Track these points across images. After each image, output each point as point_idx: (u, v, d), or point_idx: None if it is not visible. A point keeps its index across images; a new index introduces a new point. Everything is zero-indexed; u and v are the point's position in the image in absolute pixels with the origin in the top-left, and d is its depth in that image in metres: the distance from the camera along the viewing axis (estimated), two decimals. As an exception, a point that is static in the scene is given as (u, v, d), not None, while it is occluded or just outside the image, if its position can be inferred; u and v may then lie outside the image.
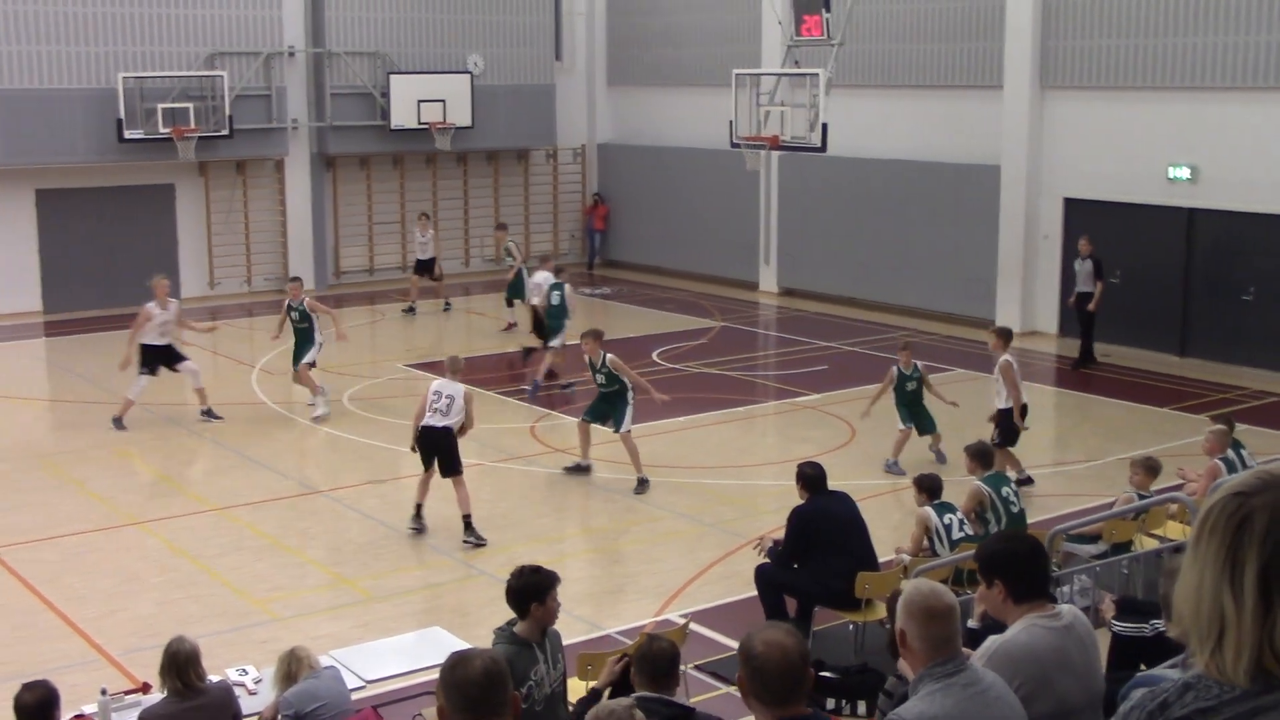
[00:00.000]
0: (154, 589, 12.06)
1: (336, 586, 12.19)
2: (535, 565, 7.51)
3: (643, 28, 30.72)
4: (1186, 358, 21.29)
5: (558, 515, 14.57)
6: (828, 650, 10.17)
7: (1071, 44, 22.36)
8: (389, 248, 29.53)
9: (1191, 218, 21.16)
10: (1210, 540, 2.40)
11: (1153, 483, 11.70)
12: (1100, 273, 20.55)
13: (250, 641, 10.85)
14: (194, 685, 7.42)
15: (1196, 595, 2.41)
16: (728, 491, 14.92)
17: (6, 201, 25.15)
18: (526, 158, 31.17)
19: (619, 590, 12.14)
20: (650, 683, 6.15)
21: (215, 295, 27.18)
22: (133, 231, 26.43)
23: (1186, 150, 21.04)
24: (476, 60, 29.30)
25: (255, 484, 15.23)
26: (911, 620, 4.53)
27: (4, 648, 10.76)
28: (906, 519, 11.49)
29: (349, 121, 27.99)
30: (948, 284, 24.39)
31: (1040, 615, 5.03)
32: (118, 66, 25.30)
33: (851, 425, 17.36)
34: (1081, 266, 20.73)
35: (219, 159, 26.82)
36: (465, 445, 14.19)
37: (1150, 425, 17.55)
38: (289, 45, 27.41)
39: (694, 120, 29.06)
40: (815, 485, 10.43)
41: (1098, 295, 20.41)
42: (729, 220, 28.63)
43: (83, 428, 17.58)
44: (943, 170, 24.40)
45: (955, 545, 10.66)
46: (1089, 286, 20.55)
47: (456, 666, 3.96)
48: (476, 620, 11.17)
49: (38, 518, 14.05)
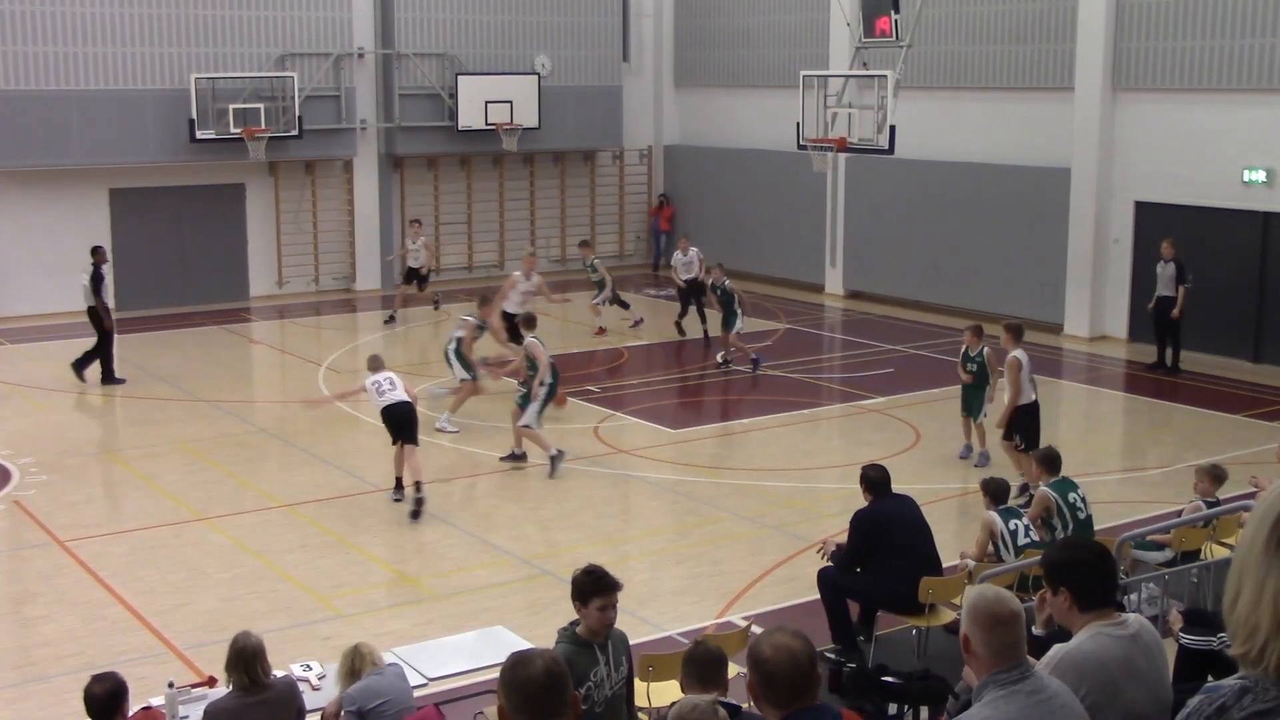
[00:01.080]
0: (220, 584, 12.19)
1: (399, 584, 12.27)
2: (591, 568, 7.39)
3: (710, 29, 30.69)
4: (1260, 364, 20.95)
5: (621, 516, 14.57)
6: (890, 655, 10.09)
7: (1144, 45, 22.07)
8: (455, 248, 29.68)
9: (1267, 221, 20.82)
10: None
11: (1218, 490, 11.52)
12: (1183, 276, 20.17)
13: (314, 638, 10.94)
14: (259, 680, 7.48)
15: (1275, 600, 2.37)
16: (791, 494, 14.86)
17: (81, 200, 25.54)
18: (593, 159, 31.22)
19: (681, 592, 12.12)
20: (698, 684, 6.16)
21: (283, 294, 27.45)
22: (203, 230, 26.77)
23: (1262, 153, 20.71)
24: (544, 61, 29.39)
25: (321, 482, 15.36)
26: (976, 626, 4.50)
27: (75, 639, 10.92)
28: (970, 524, 11.39)
29: (417, 122, 28.17)
30: (1016, 288, 24.16)
31: (1106, 624, 4.96)
32: (190, 68, 25.62)
33: (916, 429, 17.25)
34: (1164, 270, 20.32)
35: (288, 159, 27.09)
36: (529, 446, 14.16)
37: (1223, 432, 17.29)
38: (358, 46, 27.64)
39: (761, 122, 28.99)
40: (879, 488, 10.35)
41: (1180, 300, 20.06)
42: (795, 222, 28.53)
43: (153, 424, 17.80)
44: (1012, 173, 24.17)
45: (1021, 551, 10.55)
46: (1170, 290, 20.18)
47: (517, 666, 3.96)
48: (539, 620, 11.19)
49: (108, 512, 14.26)
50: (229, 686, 7.62)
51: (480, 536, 13.40)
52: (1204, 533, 11.25)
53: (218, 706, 7.50)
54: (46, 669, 10.39)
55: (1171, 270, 20.17)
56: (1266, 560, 2.38)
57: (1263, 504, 2.46)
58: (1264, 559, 2.39)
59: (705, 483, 14.95)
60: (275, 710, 7.54)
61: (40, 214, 25.21)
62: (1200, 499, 11.40)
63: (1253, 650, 2.39)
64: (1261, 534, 2.41)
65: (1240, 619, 2.42)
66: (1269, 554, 2.38)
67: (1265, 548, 2.39)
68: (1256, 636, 2.38)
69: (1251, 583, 2.41)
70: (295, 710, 7.75)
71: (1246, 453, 15.77)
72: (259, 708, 7.45)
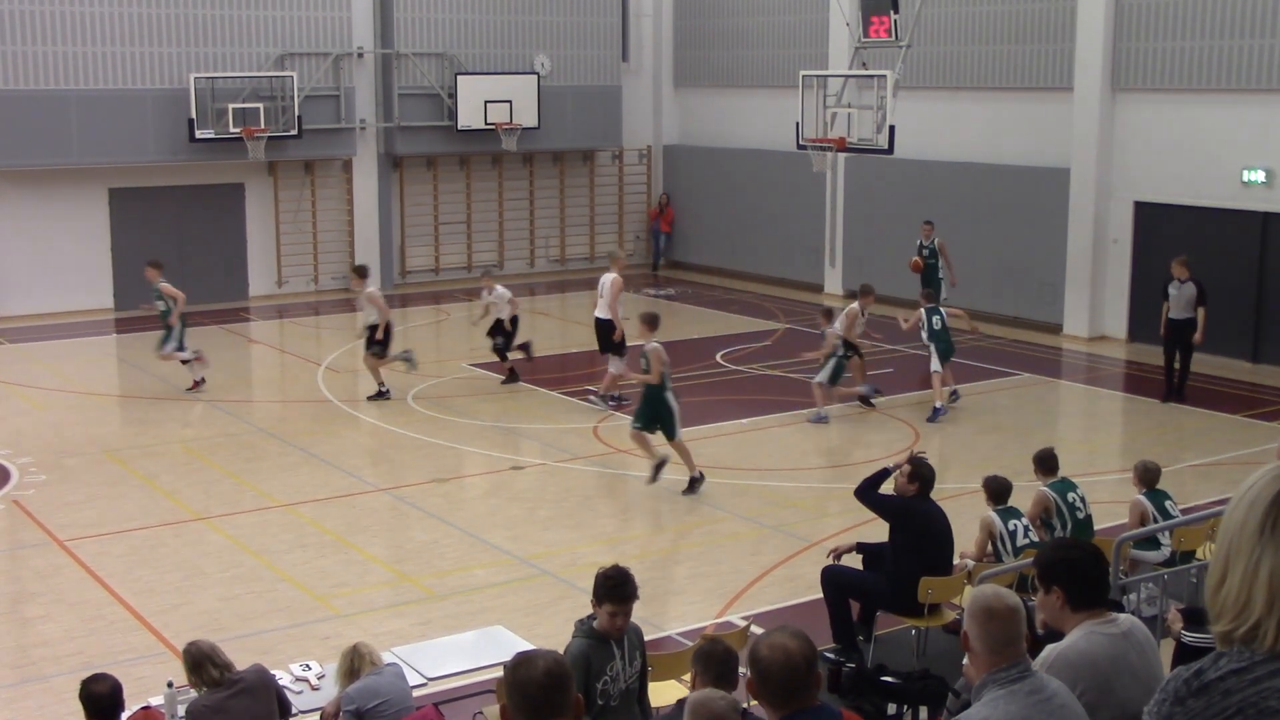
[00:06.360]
0: (219, 584, 12.18)
1: (399, 584, 12.26)
2: (612, 572, 7.32)
3: (709, 29, 30.69)
4: (1260, 364, 20.95)
5: (621, 516, 14.57)
6: (890, 655, 10.09)
7: (1144, 45, 22.08)
8: (455, 248, 29.69)
9: (1266, 222, 20.83)
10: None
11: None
12: (1204, 298, 18.21)
13: (313, 637, 10.93)
14: (227, 674, 7.47)
15: (1270, 580, 2.47)
16: (790, 494, 14.85)
17: (80, 200, 25.54)
18: (592, 159, 31.22)
19: (680, 591, 12.12)
20: (714, 682, 6.13)
21: (282, 294, 27.45)
22: (202, 230, 26.76)
23: (1261, 153, 20.71)
24: (543, 61, 29.39)
25: (319, 481, 15.35)
26: (973, 621, 4.53)
27: (73, 639, 10.91)
28: (969, 524, 11.38)
29: (416, 122, 28.17)
30: (1015, 288, 24.17)
31: (1098, 622, 4.99)
32: (189, 67, 25.61)
33: (916, 429, 17.25)
34: (1180, 291, 18.26)
35: (288, 159, 27.09)
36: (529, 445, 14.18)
37: (1222, 432, 17.29)
38: (358, 46, 27.63)
39: (760, 122, 29.00)
40: (926, 486, 10.36)
41: (1202, 324, 18.15)
42: (794, 222, 28.54)
43: (152, 424, 17.80)
44: (1011, 173, 24.18)
45: (1020, 551, 10.54)
46: (1187, 313, 18.18)
47: (519, 667, 3.97)
48: (538, 620, 11.19)
49: (106, 512, 14.25)
50: (200, 691, 7.58)
51: (479, 536, 13.40)
52: (1203, 532, 11.26)
53: (199, 705, 7.46)
54: (45, 669, 10.38)
55: (1191, 292, 18.17)
56: (1260, 542, 2.48)
57: (1252, 488, 2.54)
58: (1257, 540, 2.48)
59: (705, 482, 14.92)
60: (256, 697, 7.53)
61: (39, 214, 25.21)
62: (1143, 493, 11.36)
63: (1241, 628, 2.49)
64: (1254, 516, 2.50)
65: (1229, 598, 2.51)
66: (1262, 536, 2.48)
67: (1259, 529, 2.48)
68: (1246, 615, 2.48)
69: (1242, 563, 2.49)
70: (273, 693, 7.74)
71: (1246, 453, 15.78)
72: (240, 697, 7.44)
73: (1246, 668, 2.46)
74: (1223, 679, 2.48)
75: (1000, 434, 17.19)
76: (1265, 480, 2.52)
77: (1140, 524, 11.11)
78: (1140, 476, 11.41)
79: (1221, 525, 2.59)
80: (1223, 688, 2.47)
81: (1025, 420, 18.01)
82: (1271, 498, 2.49)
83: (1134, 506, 11.25)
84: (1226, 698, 2.46)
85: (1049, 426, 18.13)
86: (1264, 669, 2.45)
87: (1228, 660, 2.49)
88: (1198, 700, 2.49)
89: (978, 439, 16.97)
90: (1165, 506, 11.20)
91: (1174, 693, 2.53)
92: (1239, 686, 2.46)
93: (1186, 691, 2.51)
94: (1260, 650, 2.46)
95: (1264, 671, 2.45)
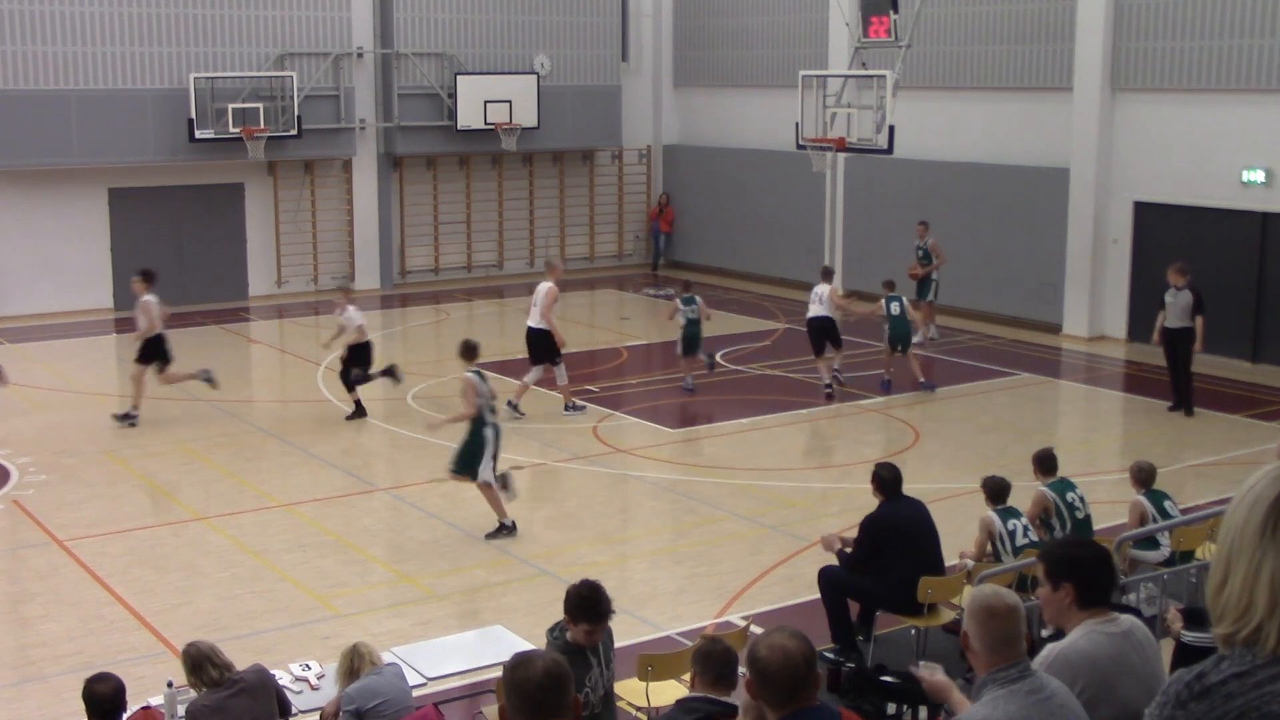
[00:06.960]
0: (218, 584, 12.18)
1: (399, 584, 12.27)
2: (585, 591, 7.19)
3: (709, 29, 30.69)
4: (1259, 364, 20.95)
5: (621, 516, 14.57)
6: (889, 655, 10.09)
7: (1143, 45, 22.08)
8: (454, 248, 29.69)
9: (1266, 221, 20.83)
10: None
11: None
12: (1202, 307, 17.53)
13: (313, 637, 10.93)
14: (227, 673, 7.47)
15: (1271, 582, 2.47)
16: (790, 494, 14.86)
17: (80, 200, 25.53)
18: (592, 159, 31.22)
19: (680, 591, 12.12)
20: (714, 683, 6.13)
21: (281, 294, 27.45)
22: (202, 230, 26.76)
23: (1261, 153, 20.71)
24: (543, 61, 29.39)
25: (319, 481, 15.36)
26: (973, 620, 4.55)
27: (73, 639, 10.91)
28: (969, 524, 11.39)
29: (416, 122, 28.17)
30: (1015, 288, 24.17)
31: (1100, 622, 4.99)
32: (189, 67, 25.61)
33: (916, 429, 17.26)
34: (1176, 299, 17.56)
35: (288, 159, 27.09)
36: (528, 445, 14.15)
37: (1221, 432, 17.29)
38: (357, 46, 27.63)
39: (760, 122, 28.99)
40: (890, 488, 10.31)
41: (1201, 333, 17.50)
42: (794, 222, 28.53)
43: (151, 423, 17.79)
44: (1010, 173, 24.17)
45: (1019, 551, 10.54)
46: (1184, 321, 17.49)
47: (519, 667, 3.97)
48: (538, 620, 11.18)
49: (106, 512, 14.25)
50: (200, 691, 7.58)
51: (479, 536, 13.39)
52: (1202, 532, 11.26)
53: (199, 705, 7.46)
54: (45, 668, 10.39)
55: (1188, 299, 17.46)
56: (1262, 544, 2.47)
57: (1253, 489, 2.54)
58: (1258, 542, 2.47)
59: (705, 482, 14.95)
60: (255, 696, 7.53)
61: (39, 214, 25.21)
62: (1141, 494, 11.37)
63: (1243, 630, 2.48)
64: (1255, 518, 2.49)
65: (1231, 600, 2.51)
66: (1264, 537, 2.47)
67: (1260, 531, 2.48)
68: (1248, 617, 2.48)
69: (1244, 566, 2.49)
70: (273, 693, 7.74)
71: (1246, 453, 15.78)
72: (240, 697, 7.44)
73: (1248, 671, 2.45)
74: (1224, 682, 2.47)
75: (1000, 434, 17.19)
76: (1266, 481, 2.51)
77: (1140, 524, 11.12)
78: (1136, 476, 11.42)
79: (1222, 527, 2.58)
80: (1224, 691, 2.47)
81: (1025, 420, 18.02)
82: (1272, 499, 2.48)
83: (1134, 507, 11.27)
84: (1228, 701, 2.45)
85: (1048, 426, 18.14)
86: (1266, 672, 2.44)
87: (1229, 663, 2.48)
88: (1199, 704, 2.49)
89: (978, 439, 16.97)
90: (1165, 506, 11.22)
91: (1175, 696, 2.53)
92: (1241, 690, 2.45)
93: (1188, 695, 2.51)
94: (1262, 653, 2.45)
95: (1266, 675, 2.44)
